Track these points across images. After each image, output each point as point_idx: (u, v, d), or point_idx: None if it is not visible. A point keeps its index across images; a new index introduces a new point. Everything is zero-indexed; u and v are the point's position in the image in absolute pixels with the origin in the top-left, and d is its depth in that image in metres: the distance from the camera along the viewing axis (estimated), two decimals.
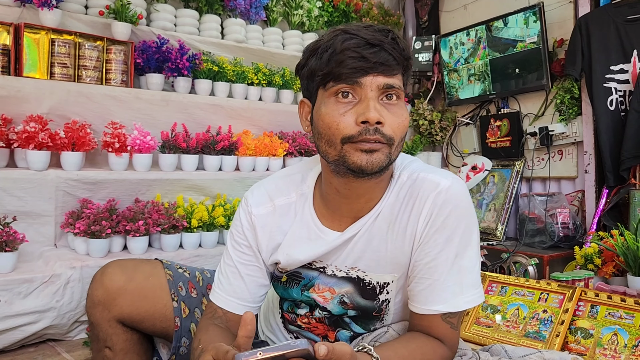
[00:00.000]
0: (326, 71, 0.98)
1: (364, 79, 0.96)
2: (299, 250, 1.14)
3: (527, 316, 1.34)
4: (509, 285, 1.45)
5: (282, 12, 3.23)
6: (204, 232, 2.33)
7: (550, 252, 2.72)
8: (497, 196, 3.24)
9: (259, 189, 1.21)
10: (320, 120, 1.00)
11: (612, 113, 2.68)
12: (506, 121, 3.26)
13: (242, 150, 2.62)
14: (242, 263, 1.17)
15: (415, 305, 1.07)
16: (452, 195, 1.05)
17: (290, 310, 1.26)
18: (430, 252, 1.05)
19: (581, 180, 2.95)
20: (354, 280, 1.13)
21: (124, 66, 2.47)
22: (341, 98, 0.98)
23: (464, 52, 3.45)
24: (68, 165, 2.16)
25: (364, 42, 0.96)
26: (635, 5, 2.61)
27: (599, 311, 1.26)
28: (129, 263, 1.28)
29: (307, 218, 1.15)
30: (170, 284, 1.26)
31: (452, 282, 1.04)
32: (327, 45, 0.99)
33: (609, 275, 2.09)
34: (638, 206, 2.46)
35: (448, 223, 1.04)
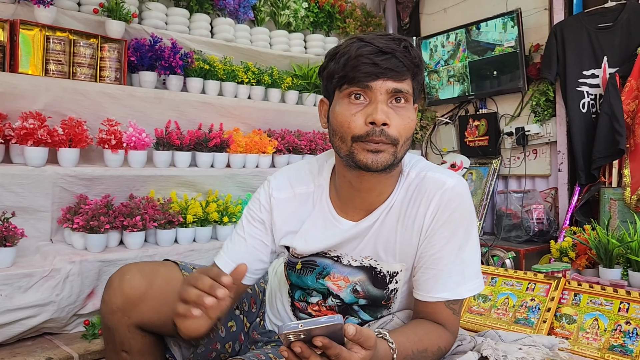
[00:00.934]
0: (342, 74, 1.08)
1: (375, 83, 1.06)
2: (316, 238, 1.24)
3: (516, 304, 1.46)
4: (498, 276, 1.56)
5: (269, 12, 3.29)
6: (198, 227, 2.39)
7: (526, 246, 2.87)
8: (475, 193, 3.38)
9: (282, 175, 1.31)
10: (335, 118, 1.11)
11: (584, 115, 2.84)
12: (484, 121, 3.40)
13: (233, 147, 2.68)
14: (251, 235, 1.27)
15: (421, 293, 1.17)
16: (457, 193, 1.16)
17: (302, 299, 1.34)
18: (436, 245, 1.16)
19: (554, 178, 3.11)
20: (366, 268, 1.23)
21: (118, 64, 2.49)
22: (354, 99, 1.08)
23: (444, 54, 3.58)
24: (65, 161, 2.19)
25: (376, 49, 1.06)
26: (606, 14, 2.77)
27: (581, 299, 1.38)
28: (146, 267, 1.23)
29: (325, 208, 1.24)
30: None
31: (456, 272, 1.15)
32: (344, 51, 1.09)
33: (582, 267, 2.24)
34: (607, 203, 2.62)
35: (453, 218, 1.15)
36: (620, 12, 2.72)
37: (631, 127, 2.61)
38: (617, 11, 2.74)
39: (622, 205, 2.55)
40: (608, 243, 2.10)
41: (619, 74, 2.67)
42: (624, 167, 2.59)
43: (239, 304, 1.38)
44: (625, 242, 2.07)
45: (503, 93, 3.31)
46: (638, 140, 2.55)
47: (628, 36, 2.70)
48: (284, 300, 1.41)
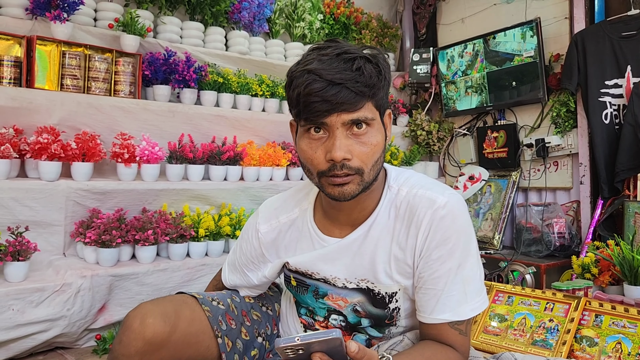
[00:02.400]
0: (296, 110, 1.06)
1: (329, 119, 1.03)
2: (304, 257, 1.24)
3: (534, 325, 1.40)
4: (515, 295, 1.50)
5: (284, 24, 3.29)
6: (210, 241, 2.37)
7: (547, 261, 2.78)
8: (493, 206, 3.30)
9: (270, 205, 1.34)
10: (301, 152, 1.10)
11: (607, 126, 2.76)
12: (503, 132, 3.33)
13: (246, 160, 2.67)
14: (240, 261, 1.35)
15: (423, 315, 1.13)
16: (450, 210, 1.11)
17: (308, 315, 1.32)
18: (433, 265, 1.11)
19: (576, 191, 3.02)
20: (364, 290, 1.19)
21: (132, 78, 2.51)
22: (313, 134, 1.06)
23: (461, 64, 3.53)
24: (78, 175, 2.20)
25: (326, 84, 1.01)
26: (630, 22, 2.69)
27: (603, 320, 1.31)
28: (169, 310, 1.16)
29: (310, 230, 1.24)
30: (210, 320, 1.21)
31: (456, 291, 1.10)
32: (296, 83, 1.04)
33: (605, 284, 2.16)
34: (632, 217, 2.53)
35: (448, 237, 1.10)
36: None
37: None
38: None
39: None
40: (633, 259, 2.02)
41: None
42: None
43: (262, 330, 1.35)
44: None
45: (522, 104, 3.24)
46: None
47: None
48: (294, 318, 1.39)
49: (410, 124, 3.72)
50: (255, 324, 1.34)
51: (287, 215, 1.28)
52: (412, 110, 3.80)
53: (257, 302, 1.40)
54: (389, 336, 1.25)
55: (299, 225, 1.26)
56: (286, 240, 1.28)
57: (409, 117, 3.77)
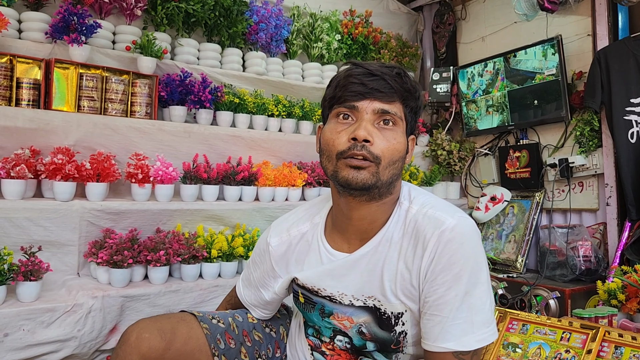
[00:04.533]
0: (331, 95, 1.12)
1: (361, 103, 1.08)
2: (312, 271, 1.24)
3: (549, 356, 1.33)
4: (530, 323, 1.43)
5: (301, 45, 3.29)
6: (223, 262, 2.35)
7: (572, 286, 2.67)
8: (517, 227, 3.21)
9: (282, 220, 1.35)
10: (323, 137, 1.13)
11: (633, 146, 2.66)
12: (525, 152, 3.25)
13: (261, 180, 2.65)
14: (254, 276, 1.37)
15: (427, 342, 1.09)
16: (458, 233, 1.08)
17: (315, 336, 1.30)
18: (439, 290, 1.08)
19: (602, 212, 2.92)
20: (370, 309, 1.16)
21: (149, 99, 2.53)
22: (341, 119, 1.10)
23: (482, 83, 3.47)
24: (93, 195, 2.21)
25: (366, 71, 1.09)
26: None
27: (623, 352, 1.24)
28: (166, 326, 1.18)
29: (319, 244, 1.24)
30: (208, 338, 1.21)
31: (462, 320, 1.06)
32: (337, 76, 1.14)
33: (633, 312, 2.05)
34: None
35: (454, 261, 1.07)
36: None
37: None
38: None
39: None
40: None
41: None
42: None
43: (263, 352, 1.33)
44: None
45: (545, 123, 3.16)
46: None
47: None
48: (302, 339, 1.37)
49: (430, 144, 3.67)
50: (256, 345, 1.32)
51: (297, 229, 1.29)
52: (432, 130, 3.75)
53: (260, 323, 1.38)
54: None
55: (308, 239, 1.26)
56: (296, 254, 1.27)
57: (429, 136, 3.72)
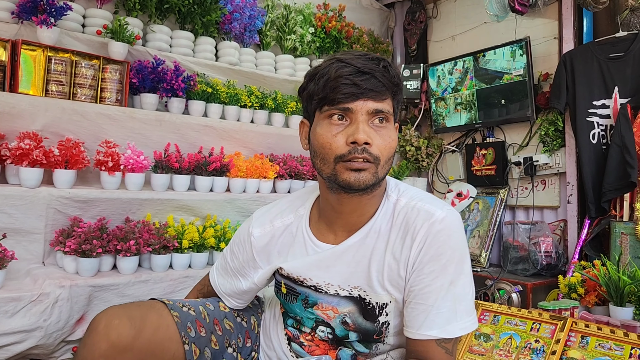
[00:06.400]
0: (322, 96, 1.08)
1: (355, 104, 1.06)
2: (297, 262, 1.23)
3: (519, 345, 1.38)
4: (501, 314, 1.48)
5: (275, 36, 3.28)
6: (194, 252, 2.33)
7: (533, 280, 2.76)
8: (481, 223, 3.29)
9: (264, 212, 1.34)
10: (316, 140, 1.10)
11: (595, 146, 2.77)
12: (491, 150, 3.34)
13: (233, 172, 2.64)
14: (231, 266, 1.35)
15: (410, 330, 1.11)
16: (447, 225, 1.11)
17: (294, 327, 1.30)
18: (425, 279, 1.10)
19: (564, 210, 3.02)
20: (356, 299, 1.18)
21: (119, 85, 2.48)
22: (335, 120, 1.08)
23: (451, 81, 3.54)
24: (60, 183, 2.15)
25: (356, 70, 1.06)
26: (617, 43, 2.72)
27: (589, 342, 1.30)
28: (136, 313, 1.15)
29: (304, 235, 1.24)
30: (179, 326, 1.19)
31: (447, 309, 1.09)
32: (323, 72, 1.09)
33: (591, 305, 2.15)
34: (618, 237, 2.53)
35: (442, 252, 1.10)
36: (632, 42, 2.66)
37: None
38: (628, 41, 2.68)
39: (633, 240, 2.45)
40: (619, 280, 2.01)
41: (630, 104, 2.60)
42: (636, 200, 2.51)
43: (233, 341, 1.32)
44: (637, 279, 1.98)
45: (511, 122, 3.25)
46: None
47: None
48: (278, 330, 1.36)
49: (399, 140, 3.72)
50: (227, 334, 1.31)
51: (281, 220, 1.28)
52: (401, 126, 3.80)
53: (232, 312, 1.37)
54: (375, 353, 1.23)
55: (292, 231, 1.26)
56: (278, 246, 1.27)
57: (398, 132, 3.75)
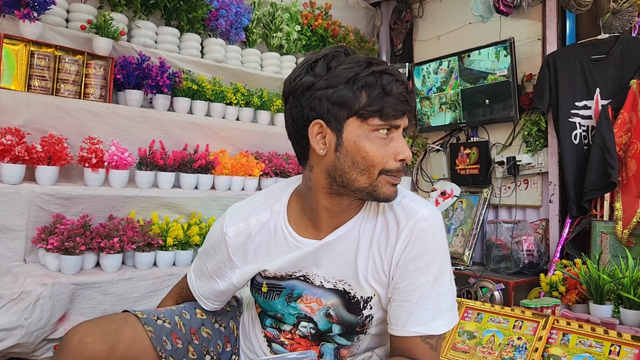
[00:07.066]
0: (374, 109, 1.04)
1: (402, 120, 1.08)
2: (279, 261, 1.21)
3: (502, 343, 1.40)
4: (484, 312, 1.50)
5: (261, 34, 3.27)
6: (178, 250, 2.32)
7: (515, 278, 2.80)
8: (464, 222, 3.33)
9: (236, 210, 1.30)
10: (362, 151, 1.06)
11: (576, 147, 2.81)
12: (475, 149, 3.37)
13: (218, 169, 2.63)
14: (208, 267, 1.31)
15: (395, 328, 1.13)
16: (431, 224, 1.13)
17: (274, 326, 1.29)
18: (410, 276, 1.12)
19: (545, 209, 3.07)
20: (340, 292, 1.18)
21: (103, 81, 2.45)
22: (382, 134, 1.07)
23: (436, 81, 3.56)
24: (43, 179, 2.13)
25: (404, 87, 1.07)
26: (599, 45, 2.76)
27: (570, 339, 1.32)
28: (108, 327, 1.14)
29: (284, 233, 1.22)
30: (154, 341, 1.17)
31: (431, 305, 1.10)
32: (371, 82, 1.04)
33: (572, 303, 2.18)
34: (599, 237, 2.57)
35: (426, 249, 1.12)
36: (613, 44, 2.71)
37: (623, 160, 2.57)
38: (610, 43, 2.73)
39: (613, 239, 2.50)
40: (599, 278, 2.04)
41: (611, 106, 2.65)
42: (616, 200, 2.55)
43: (212, 348, 1.31)
44: (617, 278, 2.02)
45: (495, 122, 3.29)
46: (630, 173, 2.51)
47: (621, 68, 2.68)
48: (257, 331, 1.35)
49: None
50: (205, 341, 1.30)
51: (256, 218, 1.25)
52: None
53: (209, 319, 1.35)
54: (357, 344, 1.24)
55: (270, 229, 1.23)
56: (255, 244, 1.24)
57: None
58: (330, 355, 1.24)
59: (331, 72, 1.06)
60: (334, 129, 1.07)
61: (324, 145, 1.09)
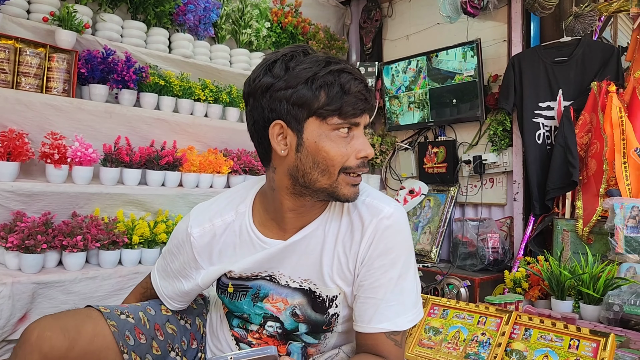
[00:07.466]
0: (333, 108, 1.03)
1: (362, 118, 1.08)
2: (245, 262, 1.21)
3: (467, 338, 1.42)
4: (450, 308, 1.52)
5: (230, 30, 3.24)
6: (144, 248, 2.28)
7: (481, 275, 2.85)
8: (432, 220, 3.37)
9: (201, 210, 1.29)
10: (323, 151, 1.05)
11: (540, 146, 2.88)
12: (443, 148, 3.42)
13: (186, 166, 2.60)
14: (172, 267, 1.30)
15: (361, 325, 1.14)
16: (395, 221, 1.14)
17: (240, 326, 1.29)
18: (375, 273, 1.13)
19: (510, 207, 3.13)
20: (306, 292, 1.19)
21: (67, 75, 2.39)
22: (343, 133, 1.06)
23: (405, 80, 3.60)
24: (2, 175, 2.06)
25: (363, 85, 1.07)
26: (562, 48, 2.83)
27: (532, 334, 1.35)
28: (69, 322, 1.11)
29: (249, 233, 1.21)
30: (116, 336, 1.16)
31: (396, 302, 1.12)
32: (330, 81, 1.03)
33: (534, 299, 2.23)
34: (560, 234, 2.64)
35: (391, 247, 1.13)
36: (575, 47, 2.78)
37: (584, 159, 2.65)
38: (572, 46, 2.80)
39: (574, 236, 2.57)
40: (560, 275, 2.10)
41: (573, 107, 2.72)
42: (577, 198, 2.63)
43: (176, 344, 1.29)
44: (577, 274, 2.07)
45: (462, 121, 3.34)
46: (590, 173, 2.59)
47: (582, 71, 2.76)
48: (225, 331, 1.34)
49: None
50: (169, 338, 1.28)
51: (221, 218, 1.24)
52: None
53: (175, 315, 1.34)
54: (325, 342, 1.24)
55: (235, 230, 1.22)
56: (220, 245, 1.23)
57: None
58: (298, 354, 1.24)
59: (290, 72, 1.04)
60: (294, 129, 1.06)
61: (285, 146, 1.08)
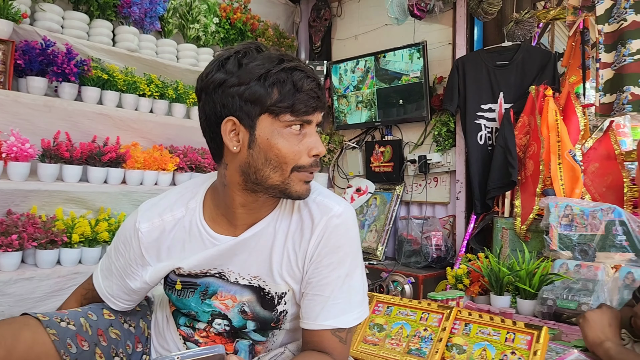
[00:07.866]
0: (286, 105, 1.04)
1: (314, 116, 1.08)
2: (194, 258, 1.19)
3: (409, 334, 1.46)
4: (393, 305, 1.56)
5: (177, 24, 3.17)
6: (85, 247, 2.21)
7: (425, 272, 2.93)
8: (378, 218, 3.43)
9: (150, 205, 1.26)
10: (273, 148, 1.06)
11: (481, 147, 2.98)
12: (389, 148, 3.48)
13: (130, 163, 2.53)
14: (117, 265, 1.27)
15: (307, 321, 1.15)
16: (344, 220, 1.16)
17: (188, 325, 1.27)
18: (323, 271, 1.14)
19: (453, 206, 3.23)
20: (255, 289, 1.19)
21: (2, 66, 2.28)
22: (295, 130, 1.06)
23: (353, 79, 3.64)
24: None
25: (315, 83, 1.07)
26: (503, 52, 2.94)
27: (471, 329, 1.40)
28: (5, 330, 1.07)
29: (199, 229, 1.20)
30: (57, 345, 1.11)
31: (342, 300, 1.14)
32: (282, 78, 1.03)
33: (475, 294, 2.32)
34: (500, 232, 2.75)
35: (340, 245, 1.14)
36: (515, 51, 2.90)
37: (522, 160, 2.76)
38: (513, 51, 2.91)
39: (512, 234, 2.68)
40: (499, 271, 2.18)
41: (513, 109, 2.83)
42: (516, 198, 2.74)
43: (120, 349, 1.26)
44: (515, 270, 2.16)
45: (408, 121, 3.41)
46: (528, 173, 2.70)
47: (522, 75, 2.88)
48: (171, 330, 1.32)
49: None
50: (113, 343, 1.25)
51: (171, 214, 1.22)
52: None
53: (118, 319, 1.30)
54: (272, 340, 1.25)
55: (185, 226, 1.21)
56: (169, 241, 1.21)
57: None
58: (245, 351, 1.24)
59: (242, 68, 1.04)
60: (246, 125, 1.06)
61: (237, 142, 1.07)
